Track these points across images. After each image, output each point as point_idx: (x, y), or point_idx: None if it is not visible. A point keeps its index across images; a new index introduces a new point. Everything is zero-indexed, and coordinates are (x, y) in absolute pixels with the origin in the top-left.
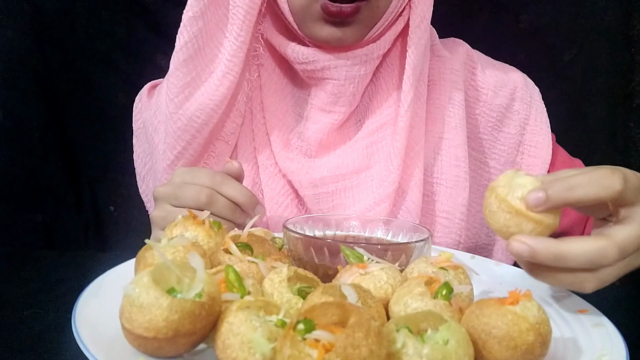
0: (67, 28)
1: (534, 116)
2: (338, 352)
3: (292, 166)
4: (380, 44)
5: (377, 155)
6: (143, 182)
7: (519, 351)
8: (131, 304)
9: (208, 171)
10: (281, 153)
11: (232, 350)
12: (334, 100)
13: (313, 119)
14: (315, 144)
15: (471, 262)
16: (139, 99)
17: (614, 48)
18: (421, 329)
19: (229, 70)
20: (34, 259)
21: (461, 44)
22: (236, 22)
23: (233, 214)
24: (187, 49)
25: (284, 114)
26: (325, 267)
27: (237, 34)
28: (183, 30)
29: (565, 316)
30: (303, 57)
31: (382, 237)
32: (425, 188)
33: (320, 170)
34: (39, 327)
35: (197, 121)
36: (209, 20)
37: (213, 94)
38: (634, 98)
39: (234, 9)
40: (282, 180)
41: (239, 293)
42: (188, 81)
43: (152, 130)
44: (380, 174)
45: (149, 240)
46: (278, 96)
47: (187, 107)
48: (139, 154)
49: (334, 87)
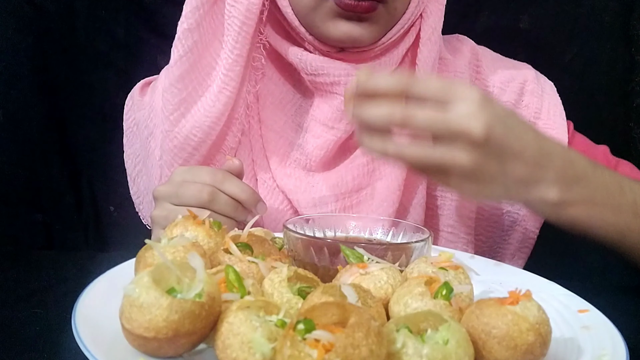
0: (67, 28)
1: (546, 109)
2: (338, 352)
3: (290, 183)
4: (392, 58)
5: (379, 172)
6: (134, 184)
7: (519, 351)
8: (131, 304)
9: (209, 169)
10: (278, 169)
11: (232, 350)
12: (339, 117)
13: (314, 132)
14: (316, 159)
15: (471, 262)
16: (131, 97)
17: (614, 48)
18: (421, 329)
19: (225, 86)
20: (34, 259)
21: (466, 42)
22: (232, 34)
23: (235, 211)
24: (182, 63)
25: (281, 127)
26: (325, 267)
27: (233, 47)
28: (178, 43)
29: (565, 316)
30: (311, 68)
31: (382, 237)
32: (429, 202)
33: (319, 187)
34: (39, 327)
35: (194, 139)
36: (205, 32)
37: (209, 110)
38: (634, 98)
39: (229, 19)
40: (280, 195)
41: (239, 293)
42: (184, 97)
43: (148, 133)
44: (381, 192)
45: (149, 240)
46: (276, 106)
47: (183, 124)
48: (129, 154)
49: (341, 104)
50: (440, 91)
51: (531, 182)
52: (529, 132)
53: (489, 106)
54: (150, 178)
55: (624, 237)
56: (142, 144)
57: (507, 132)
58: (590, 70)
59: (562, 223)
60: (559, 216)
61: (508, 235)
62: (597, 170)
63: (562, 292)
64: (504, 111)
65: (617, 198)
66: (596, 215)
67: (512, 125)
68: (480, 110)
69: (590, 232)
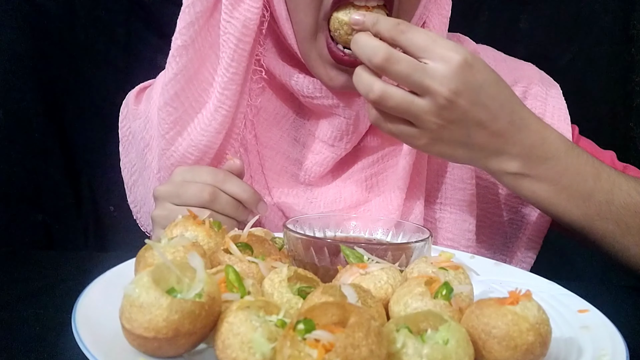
0: (67, 28)
1: (550, 113)
2: (338, 352)
3: (288, 201)
4: None
5: (377, 188)
6: (131, 193)
7: (519, 351)
8: (131, 304)
9: (209, 169)
10: (276, 187)
11: (232, 350)
12: (340, 136)
13: (313, 148)
14: (315, 175)
15: (471, 262)
16: (125, 105)
17: (614, 48)
18: (421, 329)
19: (222, 104)
20: (34, 259)
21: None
22: (227, 52)
23: (236, 211)
24: (177, 81)
25: (277, 142)
26: (325, 267)
27: (229, 65)
28: (172, 61)
29: (566, 316)
30: (308, 91)
31: (382, 237)
32: (427, 214)
33: (317, 203)
34: (39, 327)
35: (191, 157)
36: (201, 47)
37: (205, 129)
38: (634, 98)
39: (224, 35)
40: (279, 213)
41: (239, 293)
42: (179, 115)
43: (144, 145)
44: (379, 209)
45: (149, 240)
46: (271, 122)
47: (179, 142)
48: (125, 163)
49: (342, 124)
50: (425, 46)
51: (493, 151)
52: (505, 104)
53: (466, 72)
54: (147, 189)
55: (593, 224)
56: (138, 154)
57: (475, 101)
58: (590, 70)
59: (522, 195)
60: (516, 188)
61: (512, 243)
62: (572, 154)
63: (562, 292)
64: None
65: (589, 184)
66: (560, 197)
67: (483, 96)
68: (454, 76)
69: (554, 211)
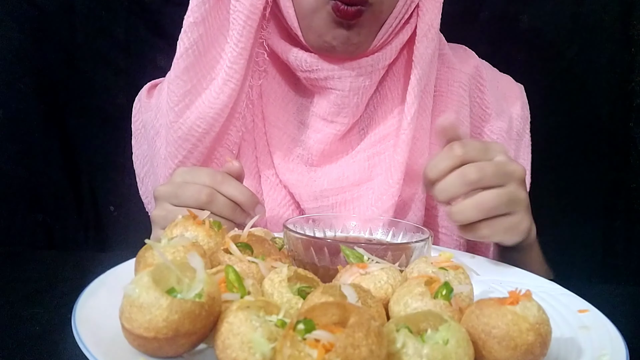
0: (67, 28)
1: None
2: (338, 352)
3: (293, 178)
4: (386, 53)
5: (379, 167)
6: (142, 184)
7: (519, 351)
8: (131, 304)
9: (208, 170)
10: (281, 164)
11: (232, 350)
12: (337, 110)
13: (315, 127)
14: (317, 153)
15: (471, 262)
16: (138, 99)
17: (614, 48)
18: (421, 329)
19: (230, 78)
20: (34, 259)
21: (472, 56)
22: (236, 28)
23: (233, 213)
24: (188, 55)
25: (284, 123)
26: (325, 267)
27: (238, 40)
28: (184, 36)
29: (566, 316)
30: (306, 65)
31: (382, 237)
32: (427, 202)
33: (321, 181)
34: (39, 327)
35: (198, 130)
36: (210, 26)
37: (214, 102)
38: (634, 98)
39: (234, 13)
40: (283, 191)
41: (239, 293)
42: (189, 89)
43: (154, 133)
44: (381, 187)
45: (149, 240)
46: (279, 104)
47: (187, 115)
48: (137, 155)
49: (337, 97)
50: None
51: None
52: None
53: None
54: (157, 177)
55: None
56: (149, 144)
57: None
58: (590, 70)
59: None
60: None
61: None
62: None
63: (562, 292)
64: None
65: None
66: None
67: None
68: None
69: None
